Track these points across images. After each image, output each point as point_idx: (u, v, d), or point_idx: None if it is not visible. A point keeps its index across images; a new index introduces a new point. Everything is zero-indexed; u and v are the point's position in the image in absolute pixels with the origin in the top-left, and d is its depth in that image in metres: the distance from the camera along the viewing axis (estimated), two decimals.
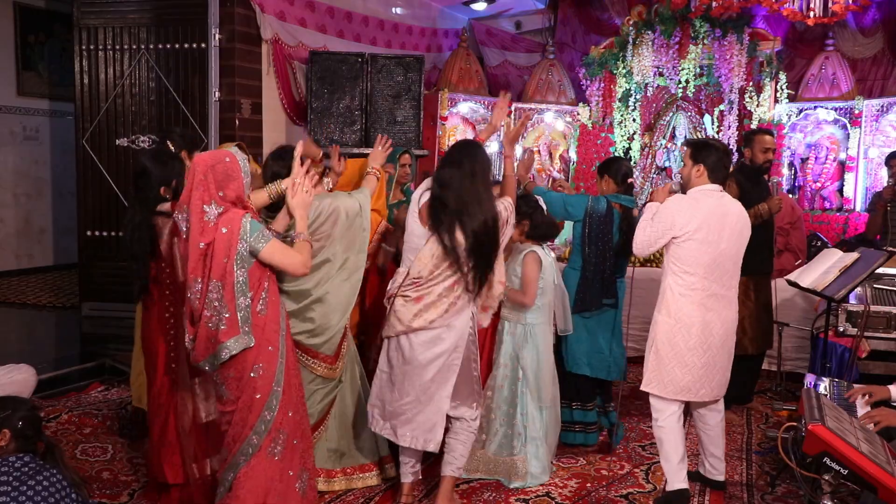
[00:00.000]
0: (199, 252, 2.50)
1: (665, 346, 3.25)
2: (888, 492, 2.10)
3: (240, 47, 5.40)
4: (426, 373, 2.99)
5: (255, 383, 2.57)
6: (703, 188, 3.32)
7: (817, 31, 6.71)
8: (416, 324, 2.96)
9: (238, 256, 2.51)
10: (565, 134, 7.45)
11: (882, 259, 3.85)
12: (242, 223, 2.52)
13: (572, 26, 8.13)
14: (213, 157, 2.57)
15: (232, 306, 2.50)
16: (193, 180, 2.52)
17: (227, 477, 2.61)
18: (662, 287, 3.31)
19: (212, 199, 2.51)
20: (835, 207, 6.47)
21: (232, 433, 2.59)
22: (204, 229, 2.50)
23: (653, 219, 3.27)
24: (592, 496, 3.42)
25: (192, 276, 2.51)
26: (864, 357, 4.06)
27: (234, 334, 2.51)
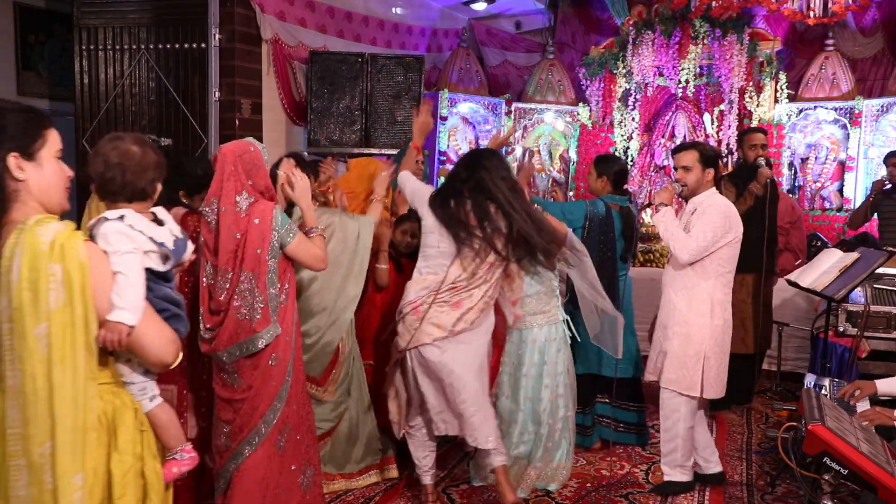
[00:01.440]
0: (235, 243, 2.51)
1: (718, 349, 3.30)
2: (888, 492, 2.10)
3: (240, 47, 5.40)
4: (472, 368, 2.97)
5: (271, 372, 2.58)
6: (713, 190, 3.41)
7: (817, 31, 6.70)
8: (459, 327, 2.92)
9: (271, 247, 2.53)
10: (565, 134, 7.45)
11: (882, 259, 3.85)
12: (274, 214, 2.53)
13: (572, 26, 8.12)
14: (239, 146, 2.58)
15: (265, 296, 2.53)
16: (224, 171, 2.52)
17: (229, 467, 2.59)
18: (699, 292, 3.28)
19: (243, 189, 2.52)
20: (835, 207, 6.47)
21: (239, 421, 2.58)
22: (237, 220, 2.51)
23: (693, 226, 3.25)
24: (592, 496, 3.41)
25: (225, 267, 2.52)
26: (864, 357, 4.06)
27: (268, 324, 2.54)
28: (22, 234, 1.51)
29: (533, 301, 3.46)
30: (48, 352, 1.49)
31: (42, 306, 1.49)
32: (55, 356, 1.49)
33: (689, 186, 3.38)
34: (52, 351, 1.49)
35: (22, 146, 1.57)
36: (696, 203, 3.39)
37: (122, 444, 1.66)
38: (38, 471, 1.49)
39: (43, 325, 1.49)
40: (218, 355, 2.57)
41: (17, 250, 1.50)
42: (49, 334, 1.49)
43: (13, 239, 1.52)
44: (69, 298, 1.52)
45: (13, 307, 1.49)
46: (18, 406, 1.49)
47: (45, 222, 1.54)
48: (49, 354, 1.49)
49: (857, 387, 2.89)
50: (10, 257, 1.50)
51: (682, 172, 3.38)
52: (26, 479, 1.49)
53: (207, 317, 2.59)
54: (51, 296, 1.50)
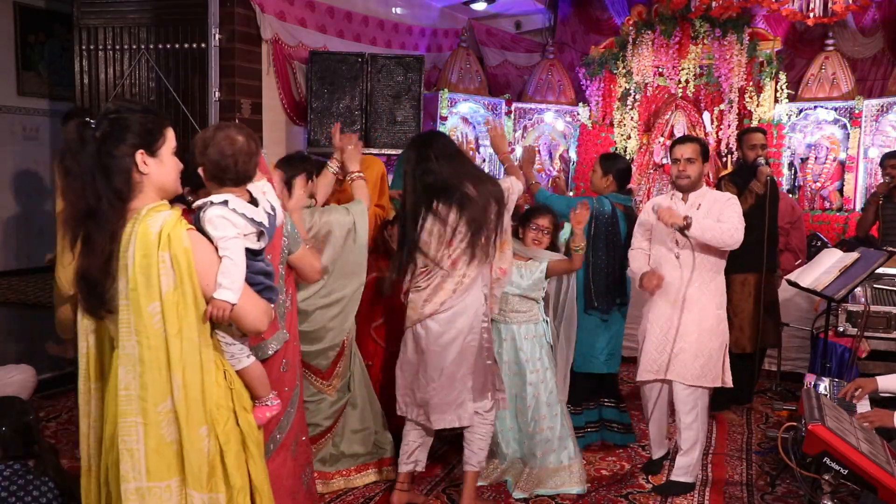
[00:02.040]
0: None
1: (727, 339, 3.44)
2: (888, 492, 2.10)
3: (240, 47, 5.40)
4: (447, 355, 3.02)
5: (283, 378, 2.54)
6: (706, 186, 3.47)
7: (817, 31, 6.71)
8: (428, 309, 3.01)
9: (281, 254, 2.49)
10: (565, 134, 7.45)
11: (882, 259, 3.85)
12: (285, 220, 2.50)
13: (572, 26, 8.13)
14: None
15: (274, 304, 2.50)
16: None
17: None
18: (716, 286, 3.38)
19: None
20: (835, 207, 6.47)
21: None
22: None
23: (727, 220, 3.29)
24: (592, 496, 3.41)
25: None
26: (864, 357, 4.06)
27: (276, 330, 2.49)
28: (136, 224, 1.73)
29: (515, 300, 3.49)
30: (163, 326, 1.71)
31: (154, 288, 1.70)
32: (171, 330, 1.71)
33: (691, 178, 3.40)
34: (167, 325, 1.71)
35: (146, 144, 1.78)
36: (699, 197, 3.42)
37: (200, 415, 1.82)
38: (156, 427, 1.70)
39: (156, 304, 1.70)
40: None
41: (132, 238, 1.72)
42: (162, 311, 1.70)
43: (129, 227, 1.73)
44: (179, 281, 1.72)
45: (129, 287, 1.70)
46: (136, 372, 1.70)
47: (156, 211, 1.75)
48: (164, 328, 1.71)
49: (859, 385, 2.89)
50: (127, 243, 1.72)
51: (686, 164, 3.39)
52: (140, 433, 1.69)
53: None
54: (162, 279, 1.70)
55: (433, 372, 3.04)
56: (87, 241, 1.75)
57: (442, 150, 3.04)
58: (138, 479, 1.69)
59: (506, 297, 3.47)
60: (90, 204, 1.72)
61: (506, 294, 3.46)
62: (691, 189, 3.43)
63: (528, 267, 3.49)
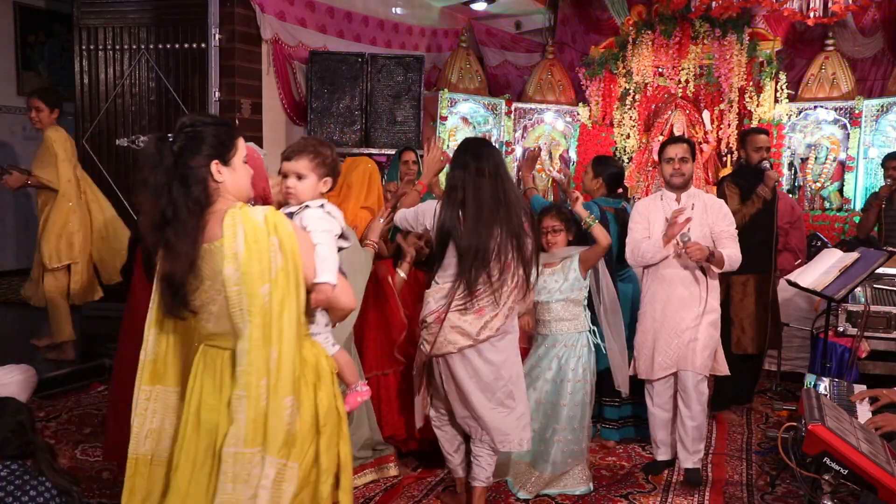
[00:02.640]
0: None
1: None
2: (888, 492, 2.10)
3: (240, 47, 5.40)
4: (503, 375, 2.94)
5: None
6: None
7: (817, 31, 6.71)
8: (484, 335, 2.87)
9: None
10: (565, 134, 7.45)
11: (882, 259, 3.85)
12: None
13: (572, 26, 8.13)
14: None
15: None
16: None
17: None
18: (716, 282, 3.48)
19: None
20: (835, 207, 6.47)
21: None
22: None
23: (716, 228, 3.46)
24: (592, 496, 3.41)
25: None
26: (864, 357, 4.06)
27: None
28: (237, 216, 1.86)
29: (559, 307, 3.42)
30: (271, 306, 1.84)
31: (266, 271, 1.84)
32: (276, 309, 1.85)
33: (686, 176, 3.49)
34: (273, 303, 1.84)
35: (220, 155, 1.92)
36: (692, 198, 3.49)
37: (325, 385, 2.02)
38: (257, 400, 1.83)
39: (266, 286, 1.84)
40: None
41: (237, 229, 1.84)
42: (271, 292, 1.84)
43: (229, 220, 1.86)
44: (286, 262, 1.87)
45: (242, 272, 1.83)
46: (243, 350, 1.83)
47: (250, 207, 1.91)
48: (271, 308, 1.84)
49: (878, 394, 2.85)
50: (232, 235, 1.85)
51: (680, 163, 3.46)
52: (245, 405, 1.83)
53: None
54: (273, 262, 1.84)
55: (489, 395, 2.94)
56: (169, 248, 1.87)
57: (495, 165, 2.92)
58: (237, 445, 1.84)
59: (548, 305, 3.42)
60: (169, 213, 1.85)
61: (547, 302, 3.42)
62: (684, 188, 3.49)
63: (562, 269, 3.44)
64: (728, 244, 3.43)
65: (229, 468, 1.84)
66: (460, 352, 2.89)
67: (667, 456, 3.69)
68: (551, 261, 3.48)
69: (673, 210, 3.41)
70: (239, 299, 1.84)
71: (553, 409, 3.41)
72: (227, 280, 1.84)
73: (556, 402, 3.40)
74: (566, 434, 3.40)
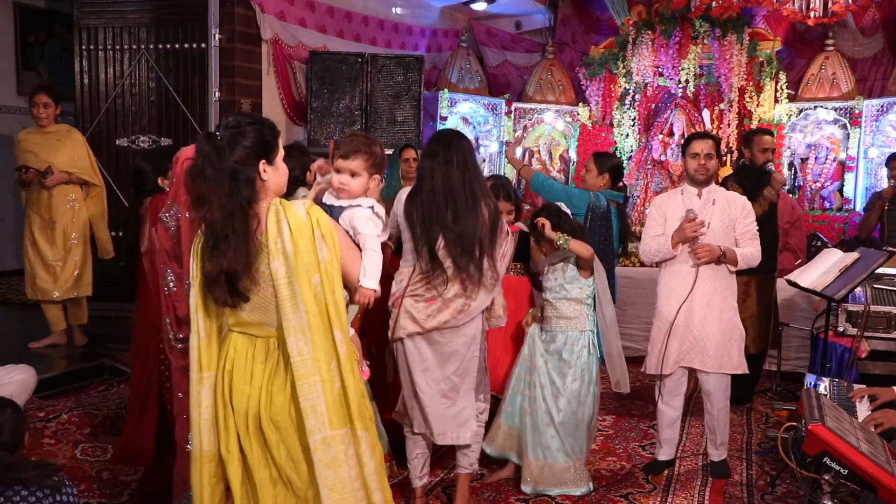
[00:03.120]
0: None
1: None
2: (888, 492, 2.09)
3: (240, 47, 5.40)
4: (448, 368, 2.95)
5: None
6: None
7: (817, 31, 6.70)
8: (430, 325, 2.87)
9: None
10: (565, 134, 7.45)
11: (882, 259, 3.85)
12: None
13: (572, 26, 8.12)
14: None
15: None
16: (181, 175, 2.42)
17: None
18: (732, 280, 3.51)
19: None
20: (835, 207, 6.47)
21: None
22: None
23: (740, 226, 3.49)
24: (592, 496, 3.41)
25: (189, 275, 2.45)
26: (864, 357, 4.06)
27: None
28: (280, 212, 1.97)
29: (564, 304, 3.43)
30: (325, 294, 1.97)
31: (314, 263, 1.95)
32: (329, 297, 1.97)
33: (710, 172, 3.50)
34: (326, 292, 1.97)
35: (267, 156, 2.02)
36: (713, 193, 3.51)
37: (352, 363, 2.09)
38: (331, 383, 1.95)
39: (317, 276, 1.96)
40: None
41: (282, 225, 1.95)
42: (321, 282, 1.96)
43: (272, 217, 1.96)
44: (331, 255, 2.00)
45: (291, 265, 1.93)
46: (307, 339, 1.93)
47: (289, 203, 2.01)
48: (325, 296, 1.97)
49: (875, 392, 2.85)
50: (277, 230, 1.95)
51: (706, 159, 3.47)
52: (319, 389, 1.93)
53: (176, 327, 2.47)
54: (320, 254, 1.96)
55: (434, 385, 2.95)
56: (226, 242, 1.93)
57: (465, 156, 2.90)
58: (323, 430, 1.93)
59: (549, 303, 3.46)
60: (224, 210, 1.93)
61: (549, 300, 3.46)
62: (707, 184, 3.50)
63: (562, 268, 3.45)
64: (748, 243, 3.46)
65: (322, 455, 1.93)
66: (409, 337, 2.91)
67: (668, 455, 3.70)
68: (552, 260, 3.49)
69: (686, 214, 3.39)
70: (290, 291, 1.93)
71: (553, 403, 3.42)
72: (275, 273, 1.93)
73: (556, 395, 3.42)
74: (563, 429, 3.41)
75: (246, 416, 1.99)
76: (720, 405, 3.54)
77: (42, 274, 4.98)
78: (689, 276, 3.44)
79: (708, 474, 3.66)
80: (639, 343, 5.64)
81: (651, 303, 3.69)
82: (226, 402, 2.01)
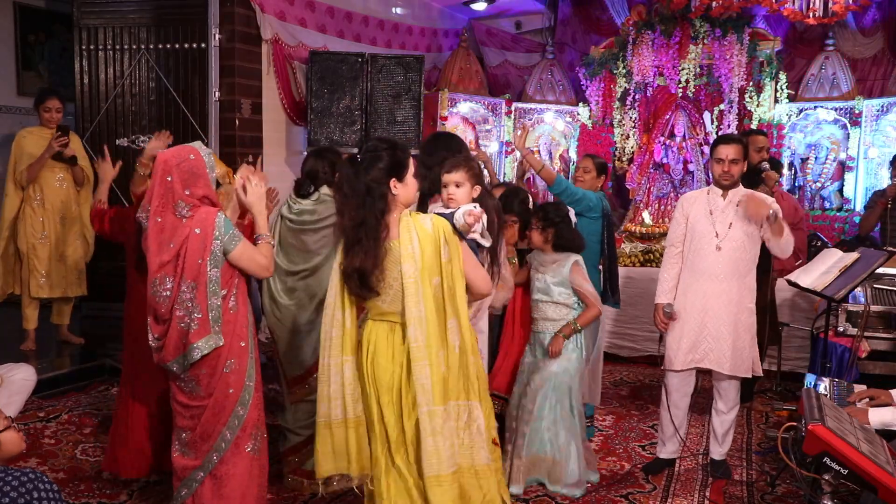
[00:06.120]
0: (170, 253, 2.46)
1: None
2: (888, 492, 2.10)
3: (240, 47, 5.40)
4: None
5: (227, 379, 2.54)
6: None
7: (817, 31, 6.70)
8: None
9: (212, 256, 2.47)
10: (565, 134, 7.45)
11: (882, 259, 3.85)
12: (216, 223, 2.48)
13: (572, 26, 8.12)
14: (177, 155, 2.51)
15: (204, 306, 2.48)
16: (155, 180, 2.47)
17: (196, 476, 2.57)
18: (751, 281, 3.52)
19: (178, 199, 2.46)
20: (835, 207, 6.47)
21: (201, 430, 2.55)
22: (175, 229, 2.46)
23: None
24: (592, 496, 3.41)
25: (162, 274, 2.47)
26: (864, 357, 4.06)
27: (205, 334, 2.48)
28: (411, 224, 2.36)
29: (549, 308, 3.49)
30: (443, 291, 2.36)
31: (436, 266, 2.35)
32: (448, 294, 2.36)
33: (734, 178, 3.51)
34: (445, 290, 2.36)
35: (398, 175, 2.38)
36: (738, 195, 3.51)
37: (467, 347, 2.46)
38: (437, 367, 2.33)
39: (437, 279, 2.36)
40: (168, 366, 2.53)
41: (412, 234, 2.34)
42: (441, 284, 2.36)
43: (405, 226, 2.35)
44: (452, 256, 2.38)
45: (419, 268, 2.32)
46: (423, 329, 2.32)
47: (417, 214, 2.42)
48: (443, 293, 2.36)
49: (872, 394, 2.87)
50: (409, 239, 2.34)
51: (730, 165, 3.48)
52: (427, 372, 2.31)
53: (154, 326, 2.55)
54: (442, 258, 2.36)
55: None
56: (360, 244, 2.32)
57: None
58: (429, 405, 2.30)
59: (536, 304, 3.51)
60: (361, 218, 2.32)
61: (536, 301, 3.51)
62: (732, 187, 3.52)
63: (552, 272, 3.49)
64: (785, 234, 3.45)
65: (427, 424, 2.30)
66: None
67: (670, 454, 3.69)
68: (543, 261, 3.51)
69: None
70: (415, 289, 2.31)
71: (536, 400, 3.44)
72: (404, 274, 2.32)
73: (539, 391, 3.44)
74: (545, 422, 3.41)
75: (391, 390, 2.36)
76: (731, 405, 3.57)
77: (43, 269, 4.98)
78: (709, 276, 3.46)
79: (708, 474, 3.66)
80: (639, 343, 5.65)
81: (651, 302, 3.69)
82: (372, 380, 2.38)
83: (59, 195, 5.03)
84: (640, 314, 5.45)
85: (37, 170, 4.91)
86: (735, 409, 3.60)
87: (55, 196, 5.01)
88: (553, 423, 3.42)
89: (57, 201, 5.01)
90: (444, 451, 2.30)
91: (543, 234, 3.52)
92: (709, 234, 3.47)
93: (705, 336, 3.48)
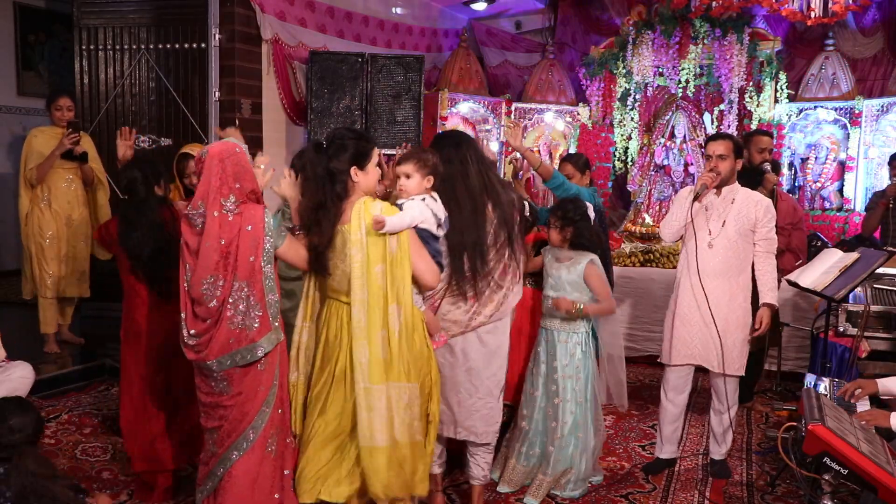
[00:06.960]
0: (221, 250, 2.43)
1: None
2: (888, 492, 2.10)
3: (240, 47, 5.40)
4: (492, 365, 2.97)
5: (260, 377, 2.53)
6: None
7: (817, 31, 6.70)
8: (476, 322, 2.90)
9: (266, 254, 2.48)
10: (565, 134, 7.45)
11: (882, 259, 3.85)
12: (266, 220, 2.48)
13: (572, 26, 8.12)
14: (226, 148, 2.49)
15: (263, 304, 2.48)
16: (210, 174, 2.43)
17: (217, 472, 2.56)
18: (745, 278, 3.52)
19: (230, 193, 2.44)
20: (835, 207, 6.46)
21: (227, 427, 2.54)
22: (223, 225, 2.43)
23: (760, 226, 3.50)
24: (592, 496, 3.42)
25: (211, 273, 2.43)
26: (864, 357, 4.06)
27: (268, 331, 2.50)
28: (361, 210, 2.48)
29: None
30: (386, 279, 2.50)
31: (381, 254, 2.49)
32: (390, 281, 2.50)
33: (722, 175, 3.48)
34: (388, 278, 2.50)
35: (358, 163, 2.55)
36: (733, 192, 3.52)
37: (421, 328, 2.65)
38: (376, 347, 2.47)
39: (381, 266, 2.48)
40: (208, 364, 2.48)
41: (360, 221, 2.47)
42: (385, 271, 2.49)
43: (355, 213, 2.48)
44: (399, 247, 2.52)
45: (364, 253, 2.46)
46: (365, 312, 2.46)
47: (371, 201, 2.52)
48: (386, 281, 2.49)
49: (859, 385, 2.89)
50: (357, 225, 2.47)
51: (717, 160, 3.47)
52: (366, 351, 2.46)
53: (192, 322, 2.51)
54: (388, 247, 2.50)
55: (478, 383, 2.96)
56: (318, 225, 2.50)
57: (477, 152, 2.96)
58: (365, 382, 2.45)
59: (547, 299, 3.47)
60: (321, 200, 2.50)
61: (547, 297, 3.46)
62: (724, 184, 3.52)
63: (567, 269, 3.45)
64: (764, 258, 3.48)
65: (362, 400, 2.45)
66: (453, 337, 2.93)
67: (670, 454, 3.70)
68: (559, 256, 3.49)
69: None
70: (361, 273, 2.45)
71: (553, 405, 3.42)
72: (352, 258, 2.46)
73: (556, 396, 3.42)
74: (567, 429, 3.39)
75: (334, 361, 2.54)
76: (728, 404, 3.57)
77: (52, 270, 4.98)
78: (705, 274, 3.46)
79: (708, 474, 3.66)
80: (639, 343, 5.64)
81: (652, 302, 3.69)
82: (323, 351, 2.58)
83: (66, 196, 5.01)
84: (640, 314, 5.45)
85: (47, 168, 4.90)
86: (733, 408, 3.59)
87: (62, 197, 4.99)
88: (577, 440, 3.41)
89: (64, 202, 5.00)
90: (377, 425, 2.45)
91: (562, 233, 3.46)
92: (702, 231, 3.48)
93: (696, 333, 3.49)
